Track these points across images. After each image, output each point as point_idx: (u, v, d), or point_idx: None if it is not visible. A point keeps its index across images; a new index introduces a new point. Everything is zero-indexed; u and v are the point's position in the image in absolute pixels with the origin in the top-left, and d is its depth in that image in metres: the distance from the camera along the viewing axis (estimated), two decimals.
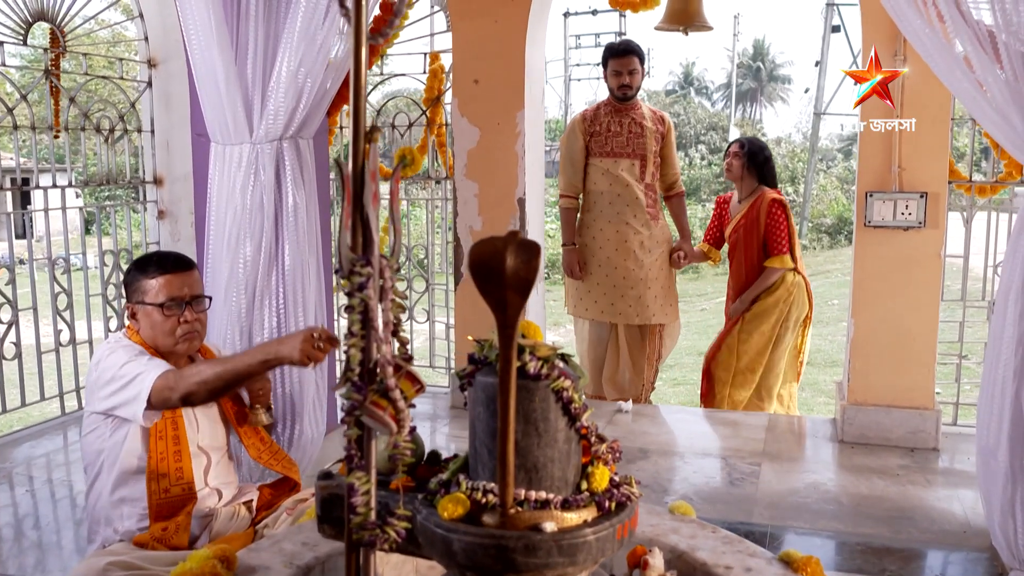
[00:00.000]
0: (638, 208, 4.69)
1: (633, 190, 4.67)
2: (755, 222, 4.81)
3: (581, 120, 4.80)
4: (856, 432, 4.11)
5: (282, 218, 3.05)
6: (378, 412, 1.31)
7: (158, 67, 4.48)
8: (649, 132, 4.71)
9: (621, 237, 4.68)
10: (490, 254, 1.37)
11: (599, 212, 4.73)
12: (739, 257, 4.91)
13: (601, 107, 4.80)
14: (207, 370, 2.20)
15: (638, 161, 4.70)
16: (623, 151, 4.70)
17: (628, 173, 4.68)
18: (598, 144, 4.72)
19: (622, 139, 4.69)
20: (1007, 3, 2.48)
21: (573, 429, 1.65)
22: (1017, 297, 2.56)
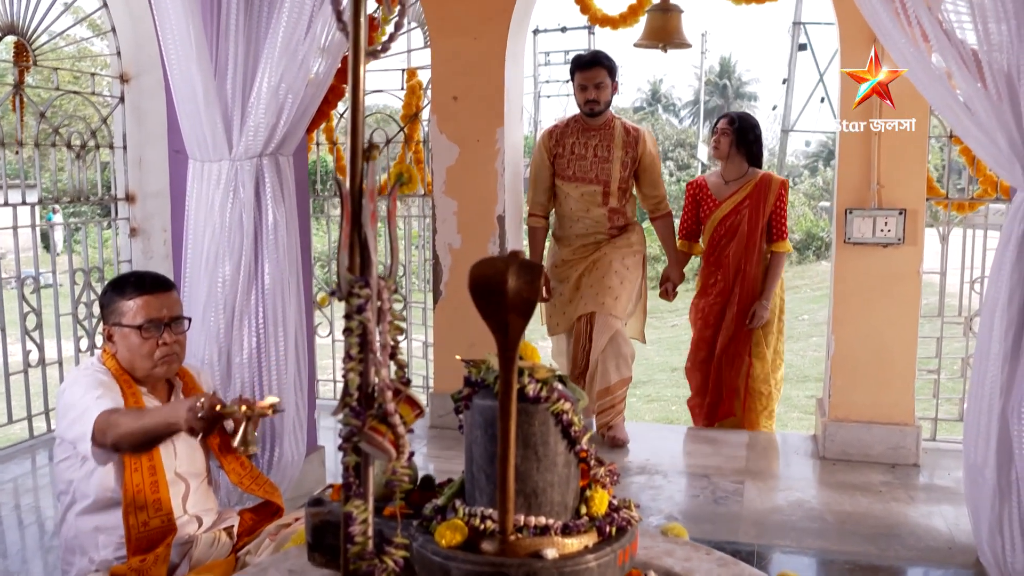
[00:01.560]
0: (601, 232, 4.44)
1: (595, 214, 4.42)
2: (760, 205, 4.53)
3: (548, 137, 4.47)
4: (837, 449, 4.12)
5: (262, 236, 2.99)
6: (377, 438, 1.27)
7: (130, 82, 4.40)
8: (616, 158, 4.36)
9: (586, 258, 4.44)
10: (491, 275, 1.34)
11: (564, 232, 4.51)
12: (738, 245, 4.55)
13: (570, 124, 4.46)
14: (126, 424, 2.11)
15: (600, 187, 4.36)
16: (585, 176, 4.38)
17: (590, 198, 4.40)
18: (561, 166, 4.42)
19: (586, 163, 4.38)
20: (990, 23, 2.50)
21: (573, 452, 1.61)
22: (1002, 314, 2.57)
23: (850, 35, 3.95)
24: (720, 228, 4.59)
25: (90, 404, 2.15)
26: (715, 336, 4.66)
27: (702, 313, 4.71)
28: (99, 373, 2.28)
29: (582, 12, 4.66)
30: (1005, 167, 2.54)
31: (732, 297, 4.58)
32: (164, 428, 2.11)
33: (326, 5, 2.88)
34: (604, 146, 4.37)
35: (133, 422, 2.12)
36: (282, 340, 3.01)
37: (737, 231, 4.53)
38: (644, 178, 4.48)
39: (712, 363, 4.68)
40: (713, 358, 4.67)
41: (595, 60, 4.31)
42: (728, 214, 4.56)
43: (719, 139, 4.60)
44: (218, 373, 2.96)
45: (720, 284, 4.61)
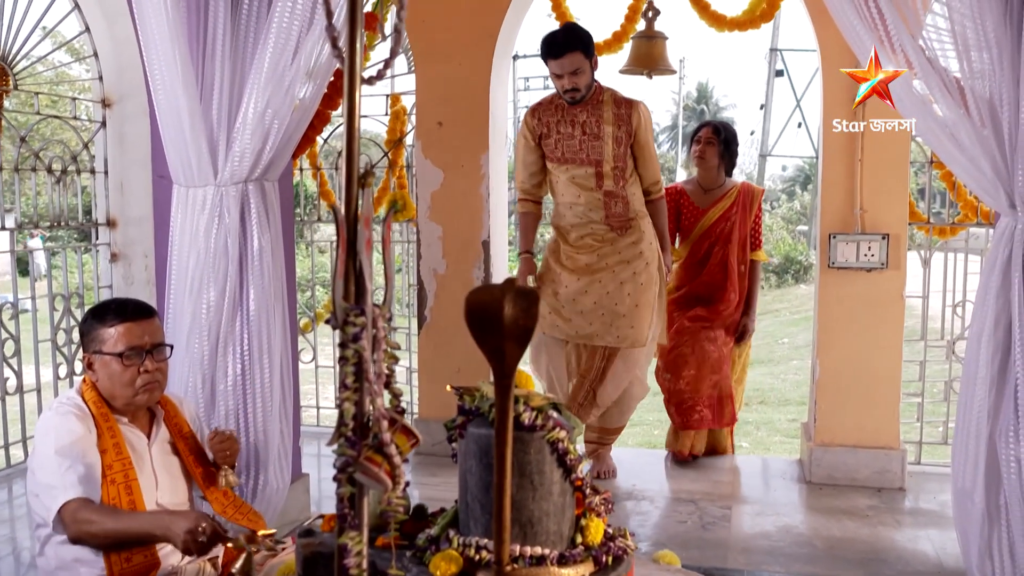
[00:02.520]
0: (597, 220, 3.97)
1: (589, 199, 3.96)
2: (747, 213, 4.45)
3: (531, 116, 4.04)
4: (823, 473, 4.11)
5: (247, 262, 2.97)
6: (373, 469, 1.25)
7: (112, 107, 4.37)
8: (608, 135, 3.89)
9: (583, 249, 4.01)
10: (487, 302, 1.32)
11: (561, 221, 4.08)
12: (724, 254, 4.42)
13: (554, 100, 4.01)
14: (99, 524, 2.08)
15: (592, 169, 3.92)
16: (575, 157, 3.94)
17: (582, 182, 3.95)
18: (548, 148, 4.00)
19: (574, 143, 3.93)
20: (972, 51, 2.54)
21: (568, 481, 1.60)
22: (988, 339, 2.58)
23: (831, 61, 4.00)
24: (709, 235, 4.44)
25: (57, 483, 2.11)
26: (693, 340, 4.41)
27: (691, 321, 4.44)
28: (75, 415, 2.22)
29: None
30: (990, 192, 2.57)
31: (722, 305, 4.43)
32: (148, 538, 2.10)
33: (313, 30, 2.88)
34: (593, 122, 3.93)
35: (111, 523, 2.09)
36: (267, 367, 2.98)
37: (730, 238, 4.42)
38: (637, 154, 4.00)
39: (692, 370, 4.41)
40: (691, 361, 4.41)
41: (568, 44, 3.80)
42: (717, 220, 4.44)
43: (704, 149, 4.45)
44: (202, 400, 2.92)
45: (710, 291, 4.43)
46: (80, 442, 2.17)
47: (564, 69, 3.79)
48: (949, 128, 2.59)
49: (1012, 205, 2.54)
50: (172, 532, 2.04)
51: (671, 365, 4.47)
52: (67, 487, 2.09)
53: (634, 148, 3.97)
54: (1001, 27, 2.47)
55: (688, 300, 4.48)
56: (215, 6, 2.86)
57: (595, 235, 4.00)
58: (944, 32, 2.57)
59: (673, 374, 4.45)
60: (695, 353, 4.39)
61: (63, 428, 2.18)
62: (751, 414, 8.69)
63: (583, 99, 3.89)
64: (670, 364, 4.47)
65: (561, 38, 3.84)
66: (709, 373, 4.40)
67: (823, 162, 4.12)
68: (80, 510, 2.09)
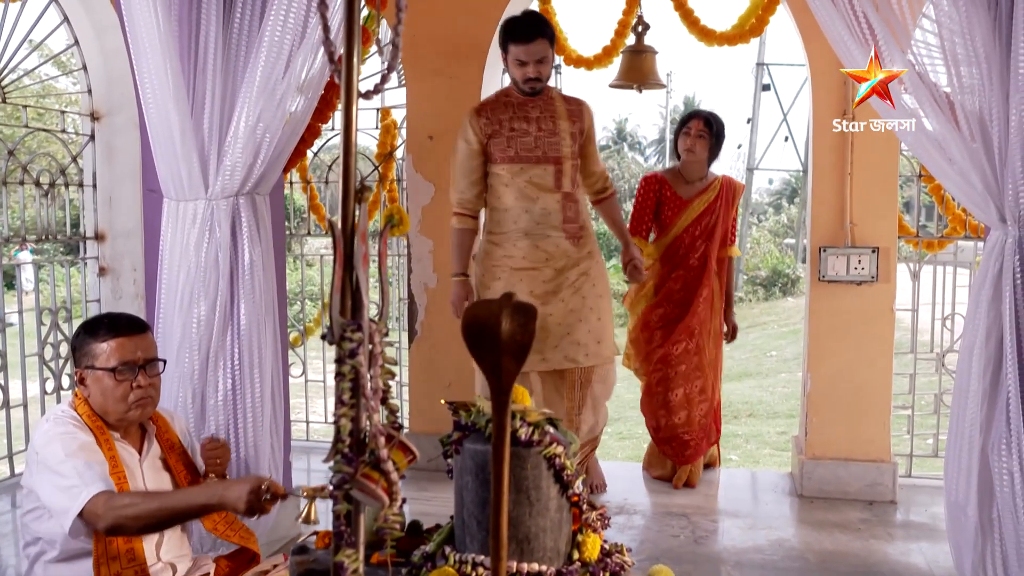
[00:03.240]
0: (554, 225, 3.67)
1: (546, 202, 3.65)
2: (730, 207, 4.31)
3: (476, 116, 3.68)
4: (815, 486, 4.12)
5: (238, 276, 2.95)
6: (370, 485, 1.24)
7: (101, 120, 4.36)
8: (564, 130, 3.68)
9: (538, 263, 3.67)
10: (485, 317, 1.32)
11: (505, 234, 3.69)
12: (706, 249, 4.24)
13: (500, 98, 3.73)
14: (143, 505, 2.05)
15: (551, 167, 3.65)
16: (530, 155, 3.64)
17: (539, 182, 3.65)
18: (499, 147, 3.64)
19: (529, 140, 3.64)
20: (961, 66, 2.56)
21: (565, 497, 1.59)
22: (980, 352, 2.59)
23: (821, 74, 4.03)
24: (693, 229, 4.23)
25: (79, 482, 2.07)
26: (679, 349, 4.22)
27: (662, 323, 4.27)
28: (73, 425, 2.20)
29: (557, 53, 4.69)
30: (980, 206, 2.58)
31: (705, 303, 4.24)
32: (203, 509, 2.08)
33: (305, 44, 2.88)
34: (548, 118, 3.68)
35: (155, 502, 2.06)
36: (258, 381, 2.95)
37: (713, 233, 4.23)
38: (588, 153, 3.84)
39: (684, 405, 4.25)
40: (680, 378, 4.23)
41: (538, 29, 3.55)
42: (703, 214, 4.23)
43: (695, 143, 4.20)
44: (192, 416, 2.90)
45: (692, 288, 4.23)
46: (88, 446, 2.17)
47: (531, 56, 3.54)
48: (939, 142, 2.61)
49: (1002, 219, 2.55)
50: (229, 498, 2.03)
51: (661, 400, 4.27)
52: (89, 483, 2.07)
53: (584, 147, 3.80)
54: (990, 42, 2.49)
55: (664, 305, 4.25)
56: (207, 19, 2.85)
57: (551, 245, 3.67)
58: (934, 48, 2.59)
59: (665, 409, 4.26)
60: (685, 385, 4.23)
61: (67, 435, 2.16)
62: (740, 427, 8.70)
63: (540, 92, 3.68)
64: (659, 398, 4.28)
65: (530, 22, 3.59)
66: (700, 402, 4.25)
67: (813, 176, 4.14)
68: (114, 497, 2.06)
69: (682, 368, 4.21)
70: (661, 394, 4.26)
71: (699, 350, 4.23)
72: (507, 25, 3.61)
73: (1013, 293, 2.53)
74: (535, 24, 3.57)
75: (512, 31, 3.56)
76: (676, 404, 4.23)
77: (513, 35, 3.56)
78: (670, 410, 4.24)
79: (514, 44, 3.56)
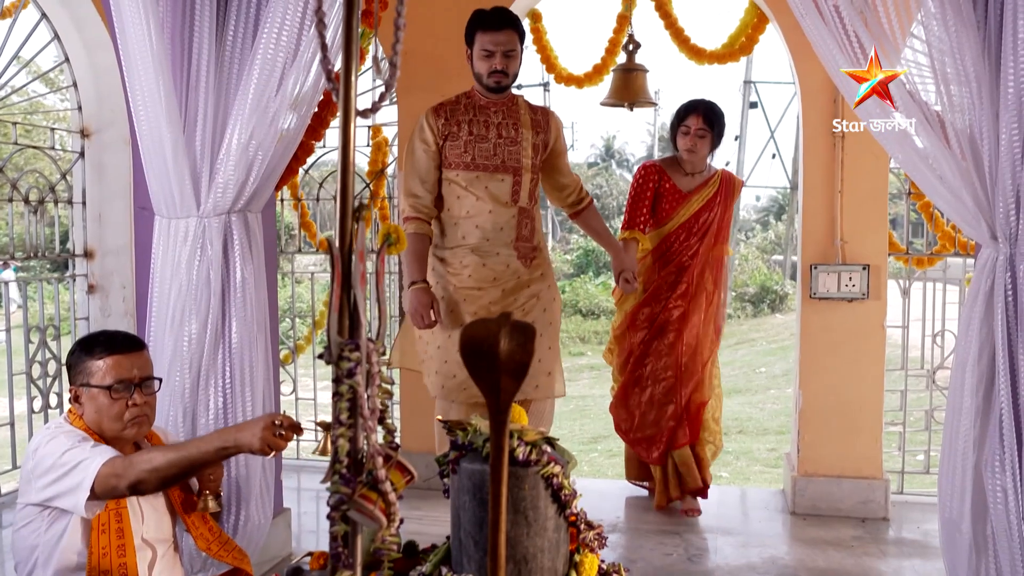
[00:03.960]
0: (506, 242, 3.39)
1: (500, 216, 3.37)
2: (729, 203, 4.11)
3: (433, 115, 3.42)
4: (807, 503, 4.11)
5: (229, 294, 2.93)
6: (368, 506, 1.23)
7: (91, 137, 4.35)
8: (526, 139, 3.41)
9: (484, 283, 3.37)
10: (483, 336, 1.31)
11: (451, 249, 3.41)
12: (700, 247, 4.03)
13: (460, 99, 3.48)
14: (159, 457, 2.06)
15: (509, 177, 3.37)
16: (488, 163, 3.36)
17: (495, 193, 3.37)
18: (455, 151, 3.37)
19: (487, 146, 3.37)
20: (951, 85, 2.58)
21: (562, 516, 1.58)
22: (972, 369, 2.59)
23: (811, 93, 4.06)
24: (690, 225, 4.02)
25: (87, 455, 2.08)
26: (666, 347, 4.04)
27: (649, 322, 4.06)
28: (75, 429, 2.21)
29: (548, 71, 4.73)
30: (971, 224, 2.60)
31: (695, 302, 4.05)
32: (218, 453, 2.08)
33: (298, 62, 2.88)
34: (510, 124, 3.41)
35: (173, 453, 2.08)
36: (249, 400, 2.93)
37: (708, 230, 4.02)
38: (560, 166, 3.61)
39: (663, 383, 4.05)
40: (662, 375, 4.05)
41: (507, 19, 3.33)
42: (702, 209, 4.02)
43: (696, 143, 3.97)
44: (183, 434, 2.87)
45: (683, 286, 4.03)
46: (89, 440, 2.17)
47: (499, 46, 3.29)
48: (930, 160, 2.62)
49: (993, 236, 2.57)
50: (244, 439, 2.05)
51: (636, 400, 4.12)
52: (98, 454, 2.08)
53: (553, 159, 3.56)
54: (980, 62, 2.51)
55: (652, 303, 4.06)
56: (199, 37, 2.85)
57: (500, 264, 3.38)
58: (924, 67, 2.61)
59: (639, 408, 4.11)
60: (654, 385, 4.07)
61: (69, 433, 2.18)
62: (730, 443, 8.69)
63: (505, 89, 3.42)
64: (635, 398, 4.12)
65: (501, 11, 3.36)
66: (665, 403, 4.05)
67: (803, 194, 4.16)
68: (132, 455, 2.09)
69: (660, 365, 4.05)
70: (637, 394, 4.10)
71: (685, 351, 4.02)
72: (475, 14, 3.37)
73: (1005, 310, 2.54)
74: (505, 13, 3.36)
75: (480, 18, 3.33)
76: (647, 402, 4.08)
77: (481, 22, 3.32)
78: (643, 408, 4.08)
79: (482, 32, 3.31)
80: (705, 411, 4.13)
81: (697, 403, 4.09)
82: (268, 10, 2.84)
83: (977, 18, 2.53)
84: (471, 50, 3.38)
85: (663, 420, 4.06)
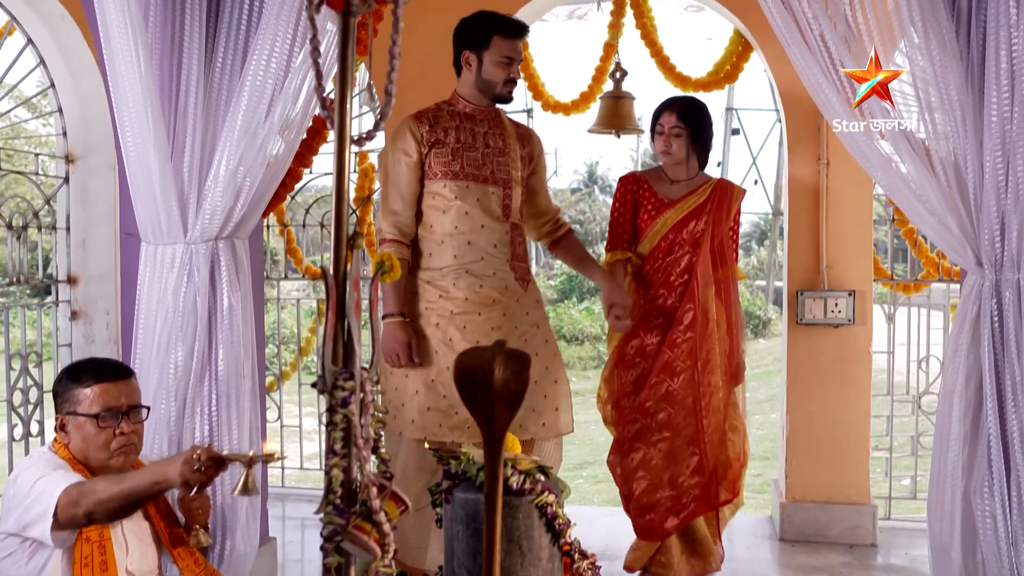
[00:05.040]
0: (502, 261, 3.06)
1: (494, 232, 3.05)
2: (724, 214, 3.47)
3: (416, 123, 3.06)
4: (795, 530, 4.11)
5: (216, 321, 2.91)
6: (362, 537, 1.22)
7: (76, 163, 4.33)
8: (514, 151, 3.14)
9: (483, 307, 3.02)
10: (478, 365, 1.31)
11: (440, 270, 3.03)
12: (690, 263, 3.38)
13: (443, 107, 3.13)
14: (103, 490, 2.04)
15: (500, 190, 3.07)
16: (479, 172, 3.05)
17: (486, 206, 3.05)
18: (442, 159, 3.02)
19: (475, 155, 3.05)
20: (936, 113, 2.61)
21: (556, 546, 1.57)
22: (960, 395, 2.61)
23: (795, 120, 4.10)
24: (674, 236, 3.41)
25: (51, 484, 2.06)
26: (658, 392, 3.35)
27: (641, 355, 3.42)
28: (56, 458, 2.19)
29: (535, 98, 4.75)
30: (957, 251, 2.62)
31: (678, 335, 3.37)
32: (151, 488, 2.05)
33: (287, 88, 2.88)
34: (497, 135, 3.13)
35: (112, 486, 2.04)
36: (236, 428, 2.91)
37: (699, 242, 3.39)
38: (540, 187, 3.33)
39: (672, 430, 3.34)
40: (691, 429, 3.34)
41: (525, 27, 3.12)
42: (686, 217, 3.41)
43: (670, 143, 3.43)
44: None
45: (661, 319, 3.39)
46: (66, 468, 2.15)
47: (518, 54, 3.05)
48: (915, 187, 2.65)
49: (979, 263, 2.59)
50: (169, 474, 2.02)
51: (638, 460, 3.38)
52: (62, 480, 2.06)
53: (534, 179, 3.27)
54: (963, 91, 2.55)
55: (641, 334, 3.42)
56: (188, 62, 2.85)
57: (498, 285, 3.04)
58: (909, 96, 2.64)
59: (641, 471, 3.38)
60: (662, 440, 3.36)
61: (51, 462, 2.16)
62: None
63: (509, 101, 3.19)
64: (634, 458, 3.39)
65: (519, 21, 3.14)
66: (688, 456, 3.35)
67: (788, 220, 4.19)
68: (82, 485, 2.06)
69: (660, 417, 3.34)
70: (640, 451, 3.36)
71: (690, 395, 3.34)
72: (489, 16, 3.05)
73: (991, 336, 2.56)
74: (521, 21, 3.14)
75: (501, 23, 3.02)
76: (653, 464, 3.35)
77: (503, 27, 3.02)
78: (647, 471, 3.35)
79: (503, 37, 3.00)
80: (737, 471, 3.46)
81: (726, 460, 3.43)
82: (257, 37, 2.84)
83: (960, 48, 2.58)
84: (478, 53, 3.03)
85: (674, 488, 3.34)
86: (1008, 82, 2.49)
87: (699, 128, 3.44)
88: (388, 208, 3.06)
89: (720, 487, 3.38)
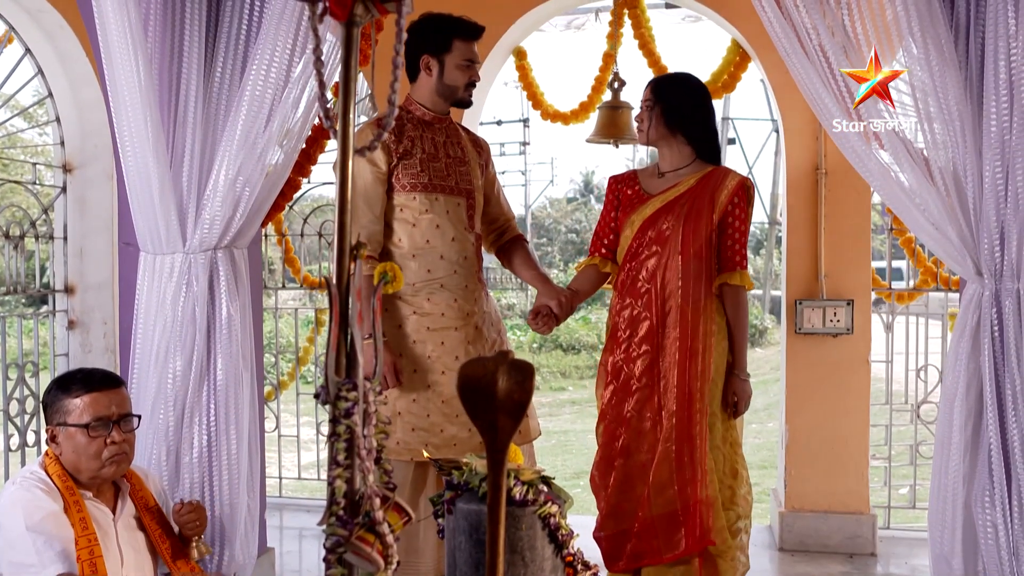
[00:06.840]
0: (471, 273, 2.97)
1: (464, 244, 2.95)
2: (703, 208, 2.94)
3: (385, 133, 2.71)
4: (795, 539, 4.10)
5: (215, 331, 2.91)
6: (365, 548, 1.21)
7: (74, 172, 4.33)
8: (472, 160, 3.06)
9: (456, 319, 2.91)
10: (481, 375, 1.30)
11: (412, 285, 2.90)
12: (657, 265, 2.96)
13: (403, 116, 2.99)
14: None
15: (463, 200, 2.97)
16: (443, 183, 2.93)
17: (455, 217, 2.94)
18: (410, 171, 2.89)
19: (439, 165, 2.94)
20: (935, 123, 2.62)
21: (559, 557, 1.56)
22: (961, 405, 2.61)
23: (794, 130, 4.10)
24: (640, 236, 3.01)
25: (35, 560, 2.04)
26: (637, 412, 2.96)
27: (617, 377, 3.03)
28: (41, 490, 2.15)
29: (534, 107, 4.75)
30: (957, 260, 2.62)
31: (662, 351, 2.94)
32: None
33: (287, 98, 2.88)
34: (454, 143, 3.03)
35: None
36: (234, 438, 2.90)
37: (666, 240, 2.95)
38: (494, 194, 3.19)
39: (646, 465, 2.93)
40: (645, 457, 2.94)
41: (483, 29, 2.99)
42: (656, 214, 2.98)
43: (643, 116, 3.06)
44: (166, 473, 2.83)
45: (631, 333, 3.00)
46: (52, 517, 2.10)
47: (478, 56, 2.98)
48: (915, 197, 2.65)
49: (979, 272, 2.59)
50: None
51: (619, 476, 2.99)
52: (46, 564, 2.02)
53: (488, 187, 3.15)
54: (962, 101, 2.55)
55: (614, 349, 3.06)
56: (187, 72, 2.85)
57: (469, 299, 2.95)
58: (908, 106, 2.64)
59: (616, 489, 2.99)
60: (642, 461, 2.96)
61: (31, 504, 2.10)
62: None
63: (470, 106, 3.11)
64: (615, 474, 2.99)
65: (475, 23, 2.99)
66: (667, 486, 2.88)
67: (787, 230, 4.19)
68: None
69: (619, 444, 2.99)
70: (620, 467, 2.98)
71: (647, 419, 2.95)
72: (445, 19, 2.93)
73: (991, 345, 2.56)
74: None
75: (461, 25, 2.92)
76: (608, 493, 3.00)
77: (463, 30, 2.92)
78: (605, 501, 3.01)
79: (463, 40, 2.91)
80: (711, 514, 2.89)
81: (693, 499, 2.86)
82: (256, 46, 2.85)
83: (959, 57, 2.58)
84: (439, 58, 2.92)
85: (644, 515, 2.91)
86: (1007, 92, 2.50)
87: (675, 103, 3.00)
88: (359, 222, 2.89)
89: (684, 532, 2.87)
